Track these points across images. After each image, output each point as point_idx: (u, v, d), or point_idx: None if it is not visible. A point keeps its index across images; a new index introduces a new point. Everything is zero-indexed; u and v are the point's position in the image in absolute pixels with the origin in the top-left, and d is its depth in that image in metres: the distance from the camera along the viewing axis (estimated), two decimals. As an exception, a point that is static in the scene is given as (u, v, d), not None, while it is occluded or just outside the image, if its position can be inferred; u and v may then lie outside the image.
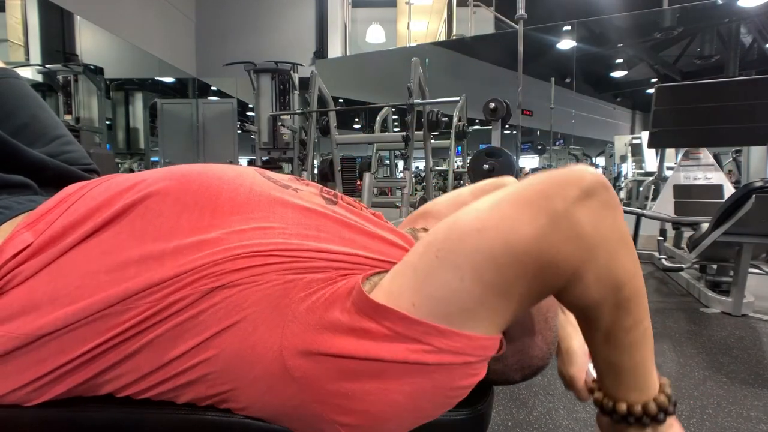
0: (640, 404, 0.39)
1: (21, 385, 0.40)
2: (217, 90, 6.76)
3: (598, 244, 0.35)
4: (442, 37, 8.06)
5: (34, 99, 0.69)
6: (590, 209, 0.35)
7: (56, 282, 0.40)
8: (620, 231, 0.37)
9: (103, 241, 0.41)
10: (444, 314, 0.36)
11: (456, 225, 0.38)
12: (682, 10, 4.78)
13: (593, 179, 0.36)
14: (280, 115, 4.22)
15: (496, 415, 1.16)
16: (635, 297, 0.37)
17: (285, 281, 0.39)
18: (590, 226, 0.35)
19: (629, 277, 0.37)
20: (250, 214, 0.43)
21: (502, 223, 0.36)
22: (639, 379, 0.39)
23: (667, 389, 0.41)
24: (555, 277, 0.36)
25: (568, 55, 5.18)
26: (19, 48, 3.92)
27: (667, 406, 0.40)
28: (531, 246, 0.35)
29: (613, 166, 6.20)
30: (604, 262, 0.36)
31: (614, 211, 0.37)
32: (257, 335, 0.38)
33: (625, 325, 0.38)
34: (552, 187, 0.36)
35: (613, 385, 0.41)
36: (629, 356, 0.39)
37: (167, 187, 0.44)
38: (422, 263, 0.38)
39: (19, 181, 0.54)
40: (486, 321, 0.37)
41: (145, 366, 0.40)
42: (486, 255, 0.36)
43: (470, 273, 0.36)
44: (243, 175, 0.48)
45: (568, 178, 0.36)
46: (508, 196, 0.38)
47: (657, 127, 2.69)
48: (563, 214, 0.35)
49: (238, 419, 0.41)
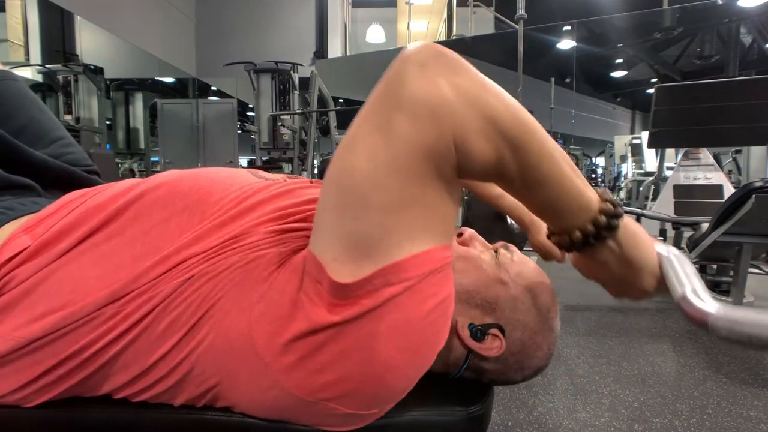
0: (589, 222, 0.38)
1: (19, 386, 0.40)
2: (217, 90, 6.76)
3: (459, 104, 0.33)
4: (442, 37, 8.06)
5: (32, 101, 0.69)
6: (433, 78, 0.34)
7: (51, 285, 0.40)
8: (474, 80, 0.35)
9: (95, 245, 0.42)
10: (363, 257, 0.36)
11: (331, 173, 0.37)
12: (682, 10, 4.78)
13: (422, 50, 0.35)
14: (280, 115, 4.23)
15: (496, 415, 1.16)
16: (524, 131, 0.35)
17: (247, 261, 0.39)
18: (441, 93, 0.33)
19: (507, 116, 0.34)
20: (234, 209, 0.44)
21: (363, 148, 0.35)
22: (574, 201, 0.37)
23: (607, 195, 0.39)
24: (441, 160, 0.35)
25: (568, 55, 5.18)
26: (19, 48, 3.92)
27: (614, 210, 0.38)
28: (398, 149, 0.34)
29: (613, 166, 6.20)
30: (475, 117, 0.34)
31: (457, 66, 0.35)
32: (228, 321, 0.38)
33: (531, 162, 0.35)
34: (388, 83, 0.35)
35: (557, 220, 0.39)
36: (552, 187, 0.37)
37: (159, 190, 0.45)
38: (321, 221, 0.38)
39: (23, 182, 0.54)
40: (407, 240, 0.36)
41: (135, 367, 0.40)
42: (364, 184, 0.35)
43: (360, 208, 0.35)
44: (234, 176, 0.49)
45: (399, 64, 0.35)
46: (359, 118, 0.37)
47: (657, 127, 2.69)
48: (410, 99, 0.34)
49: (238, 419, 0.41)
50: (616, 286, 0.43)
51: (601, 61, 5.81)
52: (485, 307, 0.47)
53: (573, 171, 0.37)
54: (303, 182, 0.51)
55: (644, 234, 0.41)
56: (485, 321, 0.46)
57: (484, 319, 0.47)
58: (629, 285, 0.41)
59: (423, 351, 0.39)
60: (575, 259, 0.43)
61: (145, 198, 0.44)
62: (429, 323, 0.38)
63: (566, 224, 0.39)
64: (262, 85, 4.37)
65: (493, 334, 0.46)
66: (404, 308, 0.36)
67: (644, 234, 0.41)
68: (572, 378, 1.38)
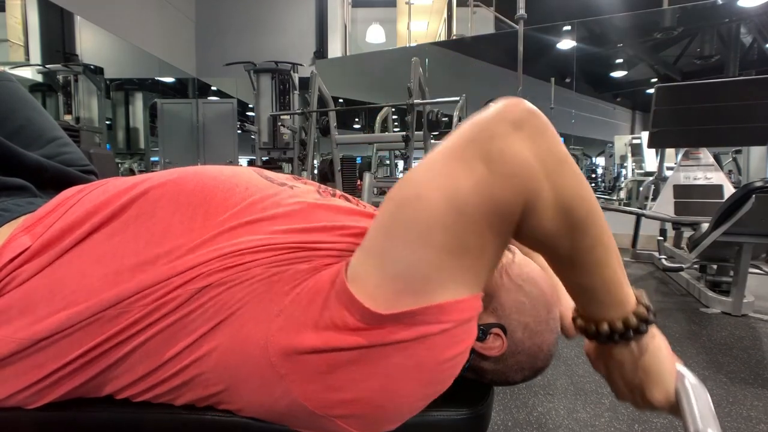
0: (620, 320, 0.38)
1: (21, 388, 0.40)
2: (217, 90, 6.75)
3: (538, 173, 0.34)
4: (442, 37, 8.05)
5: (29, 102, 0.69)
6: (522, 140, 0.34)
7: (53, 286, 0.40)
8: (558, 154, 0.36)
9: (97, 244, 0.42)
10: (408, 289, 0.36)
11: (396, 197, 0.37)
12: (682, 10, 4.78)
13: (519, 109, 0.35)
14: (280, 115, 4.22)
15: (496, 415, 1.16)
16: (589, 215, 0.36)
17: (269, 275, 0.39)
18: (526, 157, 0.34)
19: (578, 197, 0.35)
20: (243, 214, 0.43)
21: (439, 183, 0.35)
22: (613, 295, 0.38)
23: (644, 299, 0.40)
24: (507, 219, 0.35)
25: (568, 55, 5.17)
26: (19, 48, 3.92)
27: (647, 316, 0.39)
28: (473, 197, 0.34)
29: (613, 166, 6.19)
30: (550, 189, 0.34)
31: (547, 135, 0.36)
32: (245, 332, 0.38)
33: (585, 245, 0.36)
34: (480, 131, 0.35)
35: (590, 308, 0.40)
36: (598, 275, 0.38)
37: (162, 188, 0.44)
38: (374, 244, 0.38)
39: (18, 183, 0.54)
40: (452, 283, 0.37)
41: (140, 368, 0.40)
42: (431, 220, 0.35)
43: (421, 242, 0.35)
44: (239, 174, 0.48)
45: (493, 116, 0.35)
46: (439, 153, 0.37)
47: (657, 127, 2.69)
48: (497, 154, 0.34)
49: (238, 419, 0.42)
50: (623, 389, 0.42)
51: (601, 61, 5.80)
52: (487, 308, 0.47)
53: (619, 265, 0.38)
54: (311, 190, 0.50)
55: (668, 349, 0.41)
56: (487, 321, 0.47)
57: (486, 318, 0.47)
58: (638, 392, 0.41)
59: (437, 388, 0.40)
60: (592, 348, 0.43)
61: (148, 196, 0.44)
62: (450, 366, 0.39)
63: (597, 313, 0.40)
64: (262, 85, 4.37)
65: (495, 333, 0.46)
66: (434, 349, 0.37)
67: (668, 349, 0.41)
68: (572, 378, 1.38)
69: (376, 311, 0.36)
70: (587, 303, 0.40)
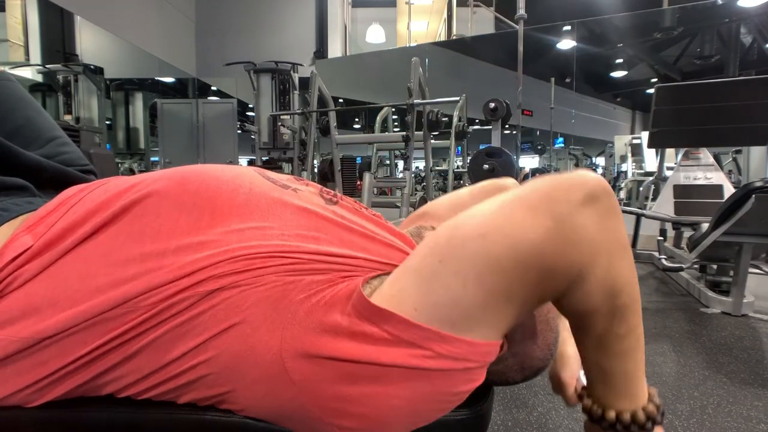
0: (629, 412, 0.40)
1: (22, 387, 0.40)
2: (217, 90, 6.75)
3: (600, 250, 0.35)
4: (442, 37, 8.06)
5: (28, 101, 0.68)
6: (594, 214, 0.35)
7: (56, 285, 0.40)
8: (622, 238, 0.37)
9: (101, 243, 0.41)
10: (446, 320, 0.36)
11: (459, 229, 0.38)
12: (682, 10, 4.78)
13: (597, 184, 0.36)
14: (280, 115, 4.22)
15: (496, 415, 1.16)
16: (631, 305, 0.38)
17: (284, 282, 0.39)
18: (593, 231, 0.35)
19: (627, 285, 0.37)
20: (249, 215, 0.43)
21: (506, 228, 0.36)
22: (629, 386, 0.40)
23: (656, 399, 0.41)
24: (557, 282, 0.36)
25: (568, 55, 5.17)
26: (19, 48, 3.92)
27: (656, 415, 0.40)
28: (535, 250, 0.35)
29: (613, 166, 6.19)
30: (605, 269, 0.36)
31: (616, 217, 0.37)
32: (256, 337, 0.38)
33: (620, 332, 0.38)
34: (556, 191, 0.36)
35: (603, 392, 0.41)
36: (621, 364, 0.39)
37: (165, 188, 0.44)
38: (425, 267, 0.38)
39: (17, 183, 0.54)
40: (488, 326, 0.37)
41: (146, 367, 0.40)
42: (490, 260, 0.35)
43: (474, 279, 0.36)
44: (242, 175, 0.48)
45: (572, 182, 0.36)
46: (512, 199, 0.37)
47: (657, 127, 2.69)
48: (567, 219, 0.35)
49: (238, 419, 0.41)
50: None
51: (601, 61, 5.80)
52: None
53: (642, 359, 0.40)
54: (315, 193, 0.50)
55: None
56: (486, 322, 0.46)
57: None
58: None
59: (437, 416, 0.41)
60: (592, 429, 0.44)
61: (151, 196, 0.43)
62: (458, 399, 0.40)
63: (608, 399, 0.41)
64: (262, 85, 4.37)
65: (495, 334, 0.46)
66: (452, 383, 0.38)
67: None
68: (572, 378, 1.38)
69: (412, 321, 0.36)
70: (601, 386, 0.41)
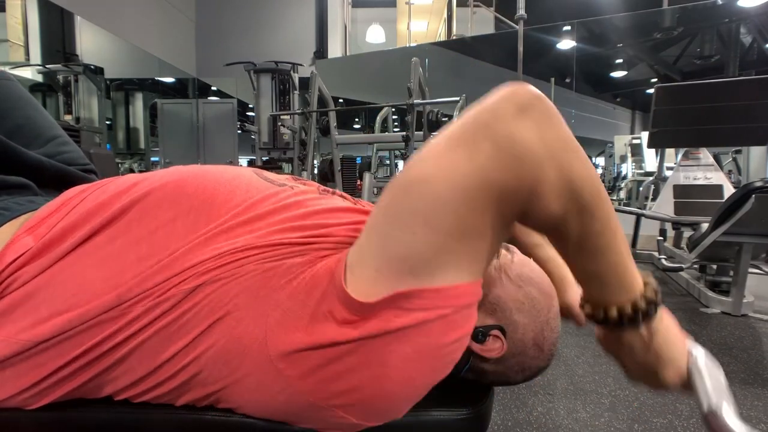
0: (629, 304, 0.38)
1: (21, 389, 0.40)
2: (217, 90, 6.75)
3: (545, 157, 0.34)
4: (442, 37, 8.05)
5: (28, 101, 0.69)
6: (529, 123, 0.34)
7: (54, 288, 0.40)
8: (564, 138, 0.36)
9: (99, 246, 0.42)
10: (407, 271, 0.36)
11: (399, 180, 0.38)
12: (682, 10, 4.78)
13: (525, 92, 0.35)
14: (280, 115, 4.22)
15: (496, 415, 1.16)
16: (596, 200, 0.36)
17: (263, 270, 0.39)
18: (534, 139, 0.34)
19: (585, 180, 0.35)
20: (242, 214, 0.43)
21: (443, 165, 0.35)
22: (621, 279, 0.38)
23: (652, 282, 0.40)
24: (513, 201, 0.35)
25: (568, 55, 5.17)
26: (19, 48, 3.91)
27: (655, 298, 0.39)
28: (477, 179, 0.34)
29: (613, 166, 6.19)
30: (556, 173, 0.34)
31: (553, 119, 0.36)
32: (241, 328, 0.38)
33: (594, 229, 0.36)
34: (486, 114, 0.35)
35: (598, 292, 0.40)
36: (605, 259, 0.38)
37: (164, 190, 0.44)
38: (377, 224, 0.38)
39: (18, 182, 0.54)
40: (453, 268, 0.37)
41: (140, 369, 0.40)
42: (433, 202, 0.35)
43: (421, 224, 0.35)
44: (239, 177, 0.48)
45: (499, 100, 0.35)
46: (444, 137, 0.37)
47: (657, 127, 2.69)
48: (502, 137, 0.34)
49: (238, 418, 0.42)
50: (635, 372, 0.43)
51: (601, 61, 5.80)
52: (486, 309, 0.47)
53: (626, 249, 0.38)
54: (311, 190, 0.50)
55: (677, 329, 0.41)
56: (486, 322, 0.46)
57: (486, 320, 0.47)
58: (650, 375, 0.41)
59: (434, 376, 0.40)
60: (602, 334, 0.43)
61: (149, 198, 0.44)
62: (448, 352, 0.39)
63: (606, 298, 0.39)
64: (262, 85, 4.37)
65: (494, 335, 0.46)
66: (432, 335, 0.37)
67: (677, 329, 0.41)
68: (572, 378, 1.38)
69: (366, 302, 0.36)
70: (595, 288, 0.40)
